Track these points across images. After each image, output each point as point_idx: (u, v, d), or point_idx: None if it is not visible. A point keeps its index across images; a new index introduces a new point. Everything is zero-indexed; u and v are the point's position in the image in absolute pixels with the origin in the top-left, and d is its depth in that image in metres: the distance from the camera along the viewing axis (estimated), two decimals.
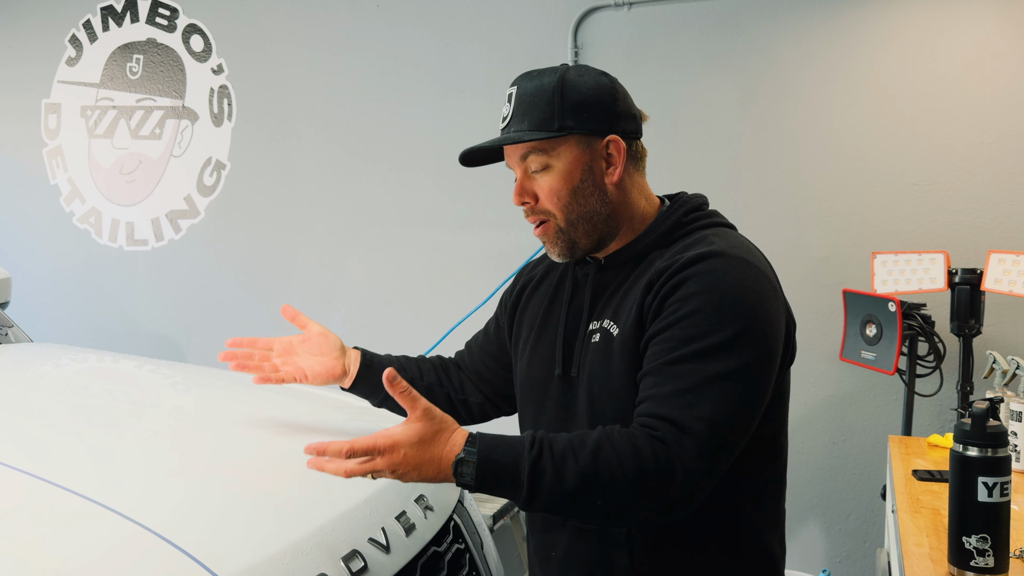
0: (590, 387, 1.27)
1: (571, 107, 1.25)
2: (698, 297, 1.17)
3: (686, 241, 1.27)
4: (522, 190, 1.29)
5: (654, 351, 1.18)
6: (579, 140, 1.26)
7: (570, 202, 1.27)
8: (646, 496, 1.11)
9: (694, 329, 1.15)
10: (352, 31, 3.56)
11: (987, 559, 1.24)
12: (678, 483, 1.10)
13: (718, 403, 1.12)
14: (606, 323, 1.28)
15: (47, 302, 4.20)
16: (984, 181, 2.72)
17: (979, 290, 2.41)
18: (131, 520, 1.13)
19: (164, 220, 3.95)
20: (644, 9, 3.11)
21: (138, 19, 3.96)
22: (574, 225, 1.28)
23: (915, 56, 2.78)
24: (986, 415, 1.25)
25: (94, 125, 4.07)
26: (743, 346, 1.15)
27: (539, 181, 1.28)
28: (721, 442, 1.13)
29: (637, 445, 1.10)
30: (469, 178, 3.39)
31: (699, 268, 1.19)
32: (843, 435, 2.91)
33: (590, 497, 1.11)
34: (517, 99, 1.28)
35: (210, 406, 1.88)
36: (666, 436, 1.11)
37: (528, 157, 1.27)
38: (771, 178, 2.96)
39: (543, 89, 1.26)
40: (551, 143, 1.26)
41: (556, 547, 1.33)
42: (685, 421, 1.11)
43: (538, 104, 1.25)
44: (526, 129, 1.26)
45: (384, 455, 1.10)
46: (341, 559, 1.22)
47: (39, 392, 1.91)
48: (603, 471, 1.10)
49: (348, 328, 3.61)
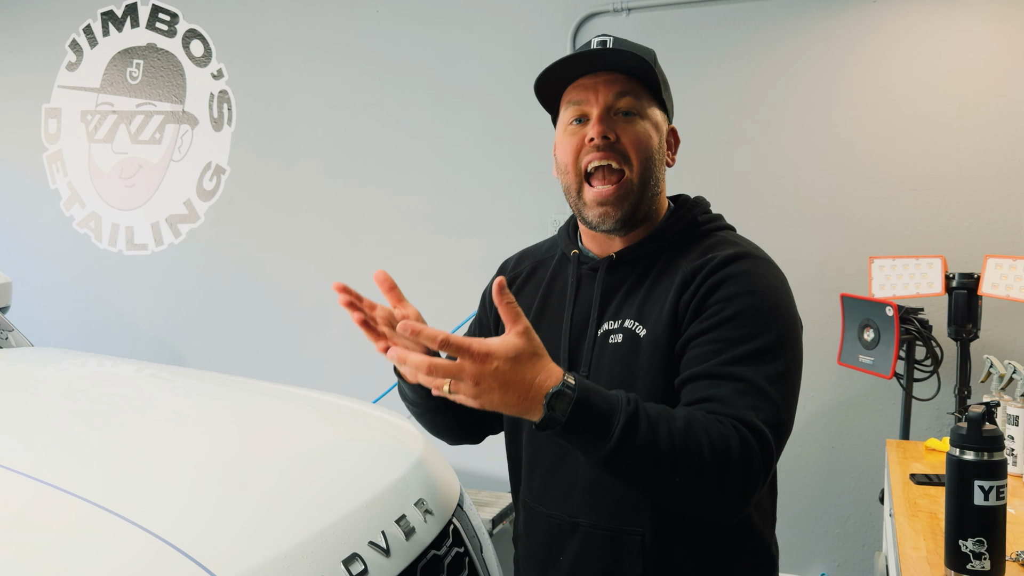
0: (608, 388, 1.21)
1: (663, 80, 1.26)
2: (741, 298, 1.16)
3: (707, 242, 1.26)
4: (609, 125, 1.21)
5: (701, 351, 1.15)
6: (662, 115, 1.27)
7: (651, 159, 1.23)
8: (723, 485, 1.06)
9: (742, 330, 1.14)
10: (351, 36, 3.57)
11: (983, 562, 1.25)
12: (751, 480, 1.07)
13: (778, 407, 1.12)
14: (628, 323, 1.23)
15: (47, 306, 4.20)
16: (981, 186, 2.73)
17: (976, 294, 2.42)
18: (131, 522, 1.14)
19: (164, 225, 3.96)
20: (643, 14, 3.12)
21: (138, 24, 3.97)
22: (644, 187, 1.24)
23: (913, 61, 2.79)
24: (982, 419, 1.25)
25: (94, 130, 4.08)
26: (787, 348, 1.16)
27: (626, 126, 1.22)
28: (779, 446, 1.12)
29: (727, 434, 1.06)
30: (469, 183, 3.40)
31: (735, 268, 1.19)
32: (841, 439, 2.92)
33: (671, 470, 1.04)
34: (619, 42, 1.22)
35: (209, 409, 1.89)
36: (746, 434, 1.07)
37: (626, 95, 1.22)
38: (769, 183, 2.97)
39: (646, 51, 1.24)
40: (647, 96, 1.24)
41: (564, 552, 1.28)
42: (759, 426, 1.09)
43: (645, 60, 1.21)
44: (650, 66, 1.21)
45: (474, 361, 0.97)
46: (341, 562, 1.22)
47: (39, 396, 1.92)
48: (692, 447, 1.04)
49: (347, 333, 3.62)
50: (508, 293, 1.00)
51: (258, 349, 3.79)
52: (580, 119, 1.24)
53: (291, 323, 3.73)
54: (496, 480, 3.28)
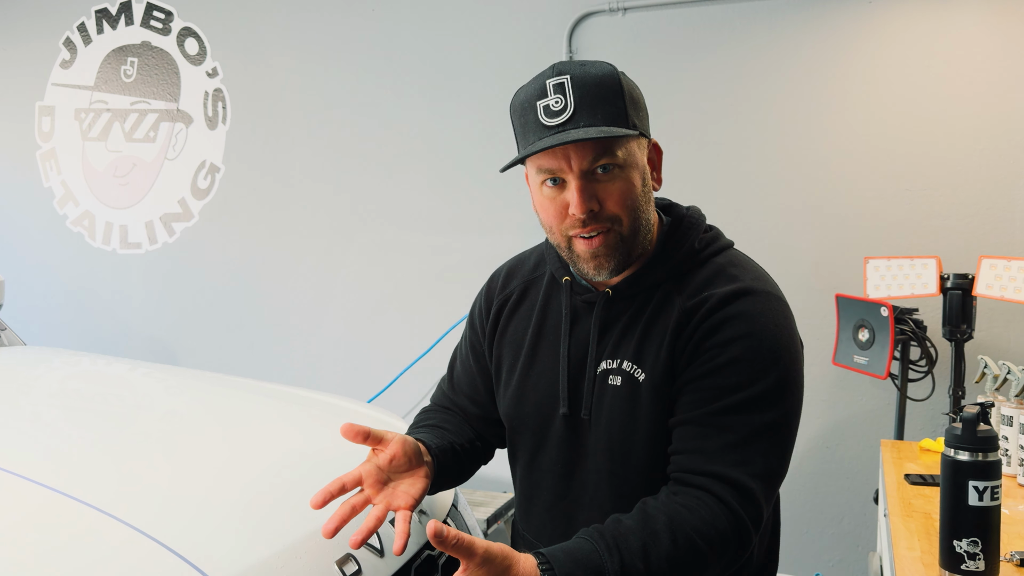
0: (609, 431, 1.20)
1: (632, 102, 1.13)
2: (738, 343, 1.13)
3: (704, 272, 1.20)
4: (591, 194, 1.12)
5: (693, 398, 1.13)
6: (639, 141, 1.16)
7: (638, 207, 1.15)
8: (725, 560, 1.09)
9: (736, 377, 1.12)
10: (347, 35, 3.56)
11: (978, 563, 1.25)
12: (745, 544, 1.09)
13: (769, 457, 1.11)
14: (627, 365, 1.19)
15: (40, 305, 4.19)
16: (976, 187, 2.73)
17: (971, 295, 2.42)
18: (124, 523, 1.13)
19: (158, 223, 3.95)
20: (638, 14, 3.12)
21: (132, 22, 3.95)
22: (635, 235, 1.16)
23: (907, 61, 2.80)
24: (977, 419, 1.25)
25: (88, 128, 4.06)
26: (784, 392, 1.14)
27: (607, 185, 1.12)
28: (773, 493, 1.13)
29: (709, 519, 1.06)
30: (463, 182, 3.40)
31: (733, 310, 1.14)
32: (836, 439, 2.92)
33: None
34: (577, 89, 1.10)
35: (203, 409, 1.88)
36: (730, 501, 1.07)
37: (601, 158, 1.11)
38: (764, 183, 2.97)
39: (606, 80, 1.12)
40: (622, 142, 1.12)
41: None
42: (743, 481, 1.08)
43: (607, 96, 1.11)
44: (601, 122, 1.10)
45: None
46: (336, 562, 1.22)
47: (32, 395, 1.91)
48: (685, 555, 1.04)
49: (341, 333, 3.61)
50: (449, 535, 0.92)
51: (252, 348, 3.79)
52: (555, 180, 1.15)
53: (285, 322, 3.72)
54: (490, 480, 3.28)
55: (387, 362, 3.50)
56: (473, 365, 1.41)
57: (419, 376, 3.45)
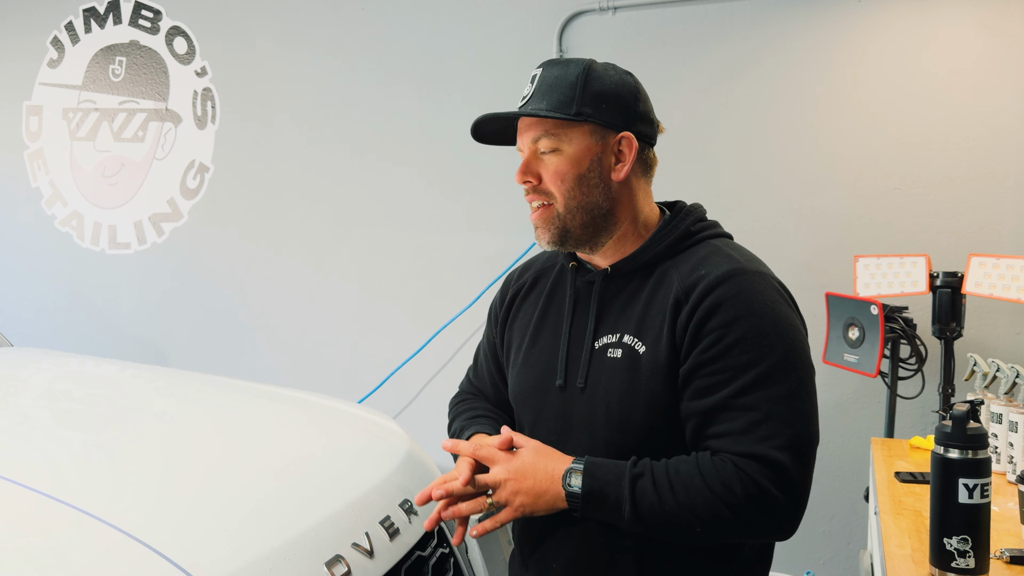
0: (607, 402, 1.24)
1: (592, 95, 1.25)
2: (740, 322, 1.17)
3: (698, 252, 1.26)
4: (527, 168, 1.28)
5: (709, 382, 1.17)
6: (593, 130, 1.26)
7: (573, 188, 1.26)
8: (747, 528, 1.15)
9: (747, 356, 1.16)
10: (337, 34, 3.55)
11: (968, 560, 1.25)
12: (777, 512, 1.14)
13: (796, 425, 1.15)
14: (627, 339, 1.25)
15: (28, 306, 4.16)
16: (965, 185, 2.74)
17: (960, 293, 2.43)
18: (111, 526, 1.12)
19: (147, 223, 3.93)
20: (629, 13, 3.12)
21: (121, 21, 3.93)
22: (572, 213, 1.27)
23: (897, 61, 2.80)
24: (966, 417, 1.26)
25: (76, 127, 4.04)
26: (795, 361, 1.18)
27: (546, 162, 1.27)
28: (806, 461, 1.16)
29: (726, 481, 1.13)
30: (454, 181, 3.39)
31: (729, 289, 1.19)
32: (826, 437, 2.92)
33: (689, 525, 1.14)
34: (540, 80, 1.28)
35: (192, 411, 1.87)
36: (755, 473, 1.12)
37: (540, 138, 1.26)
38: (754, 182, 2.97)
39: (567, 74, 1.26)
40: (565, 126, 1.25)
41: (558, 558, 1.29)
42: (771, 455, 1.13)
43: (560, 87, 1.25)
44: (544, 108, 1.25)
45: (501, 463, 1.22)
46: (324, 564, 1.22)
47: (19, 397, 1.89)
48: (698, 502, 1.13)
49: (333, 332, 3.60)
50: (476, 448, 1.26)
51: (242, 348, 3.77)
52: None
53: (275, 323, 3.71)
54: None
55: (377, 362, 3.49)
56: (490, 360, 1.49)
57: (410, 376, 3.45)
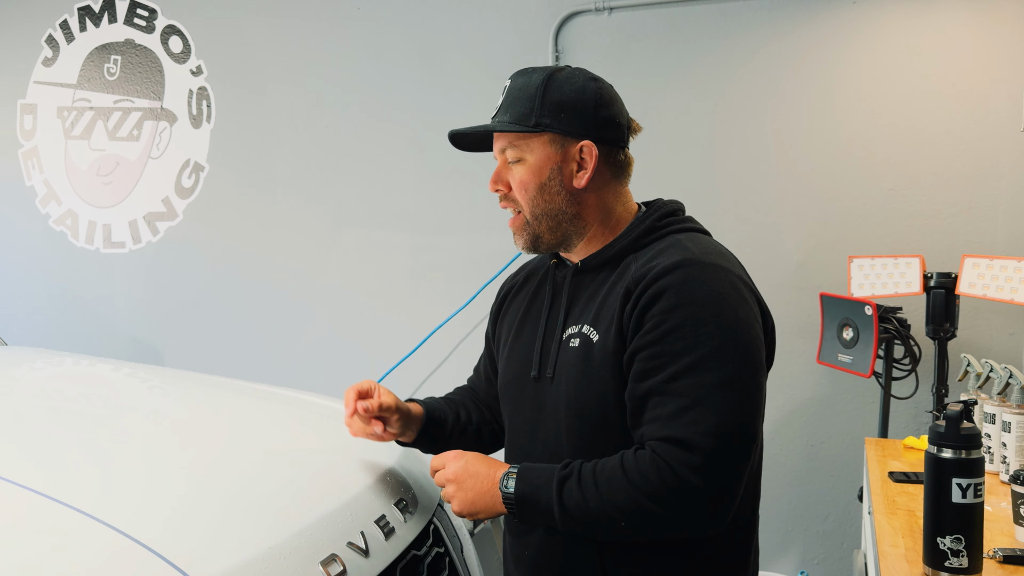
0: (568, 390, 1.28)
1: (550, 106, 1.29)
2: (679, 310, 1.17)
3: (659, 245, 1.28)
4: (498, 177, 1.35)
5: (643, 368, 1.19)
6: (553, 139, 1.29)
7: (536, 197, 1.31)
8: (670, 518, 1.15)
9: (682, 343, 1.16)
10: (333, 33, 3.55)
11: (961, 560, 1.26)
12: (695, 500, 1.13)
13: (722, 414, 1.13)
14: (585, 328, 1.28)
15: (23, 305, 4.15)
16: (959, 187, 2.75)
17: (954, 294, 2.44)
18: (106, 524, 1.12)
19: (142, 222, 3.92)
20: (624, 14, 3.12)
21: (116, 20, 3.92)
22: (538, 220, 1.32)
23: (892, 62, 2.81)
24: (960, 417, 1.26)
25: (71, 126, 4.03)
26: (732, 352, 1.16)
27: (513, 172, 1.33)
28: (732, 451, 1.14)
29: (644, 470, 1.14)
30: (450, 181, 3.39)
31: (674, 278, 1.19)
32: (820, 438, 2.93)
33: (613, 520, 1.16)
34: (508, 92, 1.33)
35: (187, 410, 1.87)
36: (672, 459, 1.13)
37: (506, 148, 1.33)
38: (749, 183, 2.98)
39: (529, 86, 1.31)
40: (526, 138, 1.30)
41: (529, 548, 1.34)
42: (692, 439, 1.13)
43: (522, 99, 1.30)
44: (507, 121, 1.31)
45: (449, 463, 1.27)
46: (320, 563, 1.21)
47: (14, 396, 1.89)
48: (619, 495, 1.15)
49: (327, 332, 3.60)
50: None
51: (237, 348, 3.77)
52: None
53: (271, 322, 3.71)
54: None
55: (372, 362, 3.49)
56: (486, 355, 1.57)
57: (405, 375, 3.45)
